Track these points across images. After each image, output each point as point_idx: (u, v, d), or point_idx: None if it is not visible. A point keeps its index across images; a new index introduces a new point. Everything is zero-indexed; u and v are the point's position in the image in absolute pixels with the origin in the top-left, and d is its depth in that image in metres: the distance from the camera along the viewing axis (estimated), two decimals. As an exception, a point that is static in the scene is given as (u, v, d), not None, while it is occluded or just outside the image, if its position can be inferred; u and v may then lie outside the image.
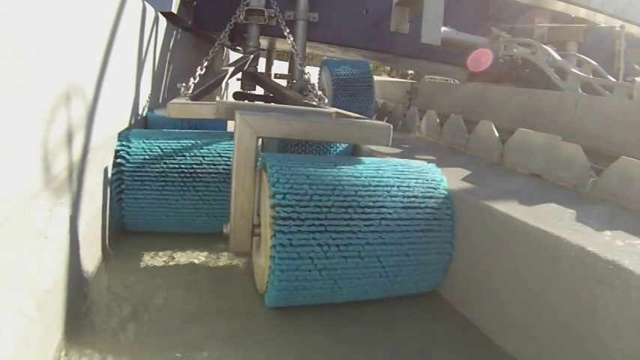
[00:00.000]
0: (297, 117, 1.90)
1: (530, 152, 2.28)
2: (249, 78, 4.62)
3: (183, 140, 2.22)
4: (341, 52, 5.82)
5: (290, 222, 1.53)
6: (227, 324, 1.59)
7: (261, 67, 5.53)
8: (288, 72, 5.95)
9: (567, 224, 1.46)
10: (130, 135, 2.20)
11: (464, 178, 2.07)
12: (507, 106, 3.42)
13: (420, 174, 1.84)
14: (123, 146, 2.12)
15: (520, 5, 4.75)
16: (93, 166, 1.78)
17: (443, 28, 3.86)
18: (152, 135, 2.24)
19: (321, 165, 1.72)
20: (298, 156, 1.87)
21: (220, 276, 1.97)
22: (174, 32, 3.83)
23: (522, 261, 1.47)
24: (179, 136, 2.26)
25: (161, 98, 3.53)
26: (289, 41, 3.46)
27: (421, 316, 1.76)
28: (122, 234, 2.19)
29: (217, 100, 2.18)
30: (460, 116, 3.05)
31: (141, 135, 2.22)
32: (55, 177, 1.37)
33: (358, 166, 1.78)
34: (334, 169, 1.70)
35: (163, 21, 3.36)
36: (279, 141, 2.77)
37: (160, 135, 2.25)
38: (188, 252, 2.11)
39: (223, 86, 5.75)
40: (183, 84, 2.56)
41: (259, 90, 4.89)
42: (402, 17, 4.41)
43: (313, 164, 1.71)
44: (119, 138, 2.17)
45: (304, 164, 1.69)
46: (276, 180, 1.58)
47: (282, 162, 1.68)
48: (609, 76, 3.77)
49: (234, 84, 5.50)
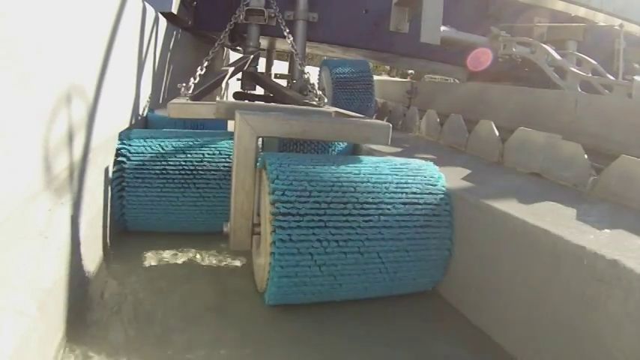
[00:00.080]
0: (296, 116, 1.90)
1: (530, 151, 2.28)
2: (249, 78, 4.62)
3: (183, 139, 2.24)
4: (341, 52, 5.81)
5: (290, 218, 1.53)
6: (227, 323, 1.59)
7: (261, 67, 5.53)
8: (288, 72, 5.95)
9: (567, 223, 1.46)
10: (131, 134, 2.22)
11: (464, 177, 2.07)
12: (507, 106, 3.42)
13: (418, 171, 1.84)
14: (124, 145, 2.14)
15: (519, 4, 4.75)
16: (93, 166, 1.79)
17: (442, 28, 3.86)
18: (153, 134, 2.27)
19: (320, 162, 1.73)
20: (297, 155, 1.87)
21: (220, 275, 1.97)
22: (174, 32, 3.83)
23: (522, 260, 1.47)
24: (180, 136, 2.27)
25: (161, 98, 3.53)
26: (289, 41, 3.46)
27: (421, 315, 1.76)
28: (123, 234, 2.20)
29: (217, 100, 2.18)
30: (460, 115, 3.05)
31: (142, 134, 2.25)
32: (56, 177, 1.37)
33: (357, 164, 1.79)
34: (333, 167, 1.72)
35: (163, 21, 3.36)
36: (279, 141, 2.77)
37: (161, 134, 2.27)
38: (188, 251, 2.12)
39: (223, 86, 5.74)
40: (183, 84, 2.56)
41: (259, 90, 4.89)
42: (402, 17, 4.41)
43: (312, 162, 1.72)
44: (120, 138, 2.19)
45: (303, 162, 1.71)
46: (275, 176, 1.59)
47: (281, 160, 1.69)
48: (609, 75, 3.76)
49: (234, 84, 5.50)
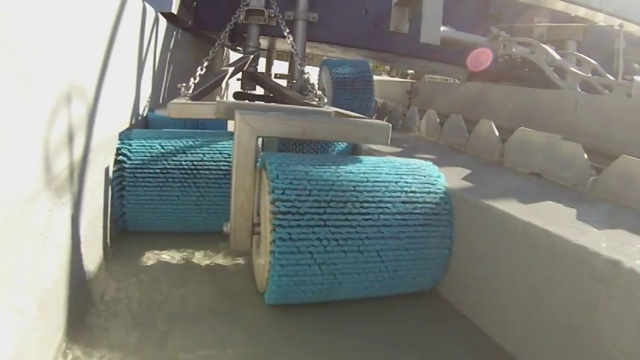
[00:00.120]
0: (296, 116, 1.90)
1: (530, 151, 2.28)
2: (249, 78, 4.62)
3: (183, 139, 2.25)
4: (341, 52, 5.81)
5: (289, 216, 1.54)
6: (227, 323, 1.59)
7: (261, 67, 5.53)
8: (288, 72, 5.95)
9: (567, 223, 1.46)
10: (131, 134, 2.24)
11: (464, 177, 2.07)
12: (507, 106, 3.42)
13: (418, 170, 1.85)
14: (124, 144, 2.15)
15: (519, 4, 4.75)
16: (94, 166, 1.79)
17: (442, 28, 3.86)
18: (153, 134, 2.28)
19: (320, 162, 1.73)
20: (297, 154, 1.87)
21: (220, 275, 1.97)
22: (174, 32, 3.83)
23: (522, 260, 1.47)
24: (180, 136, 2.28)
25: (161, 98, 3.53)
26: (289, 41, 3.45)
27: (421, 315, 1.76)
28: (123, 234, 2.20)
29: (217, 100, 2.18)
30: (460, 115, 3.05)
31: (142, 134, 2.26)
32: (56, 177, 1.37)
33: (356, 163, 1.80)
34: (333, 166, 1.72)
35: (163, 21, 3.36)
36: (279, 141, 2.77)
37: (161, 134, 2.28)
38: (188, 251, 2.12)
39: (223, 86, 5.74)
40: (183, 84, 2.56)
41: (259, 90, 4.89)
42: (402, 17, 4.41)
43: (312, 161, 1.73)
44: (120, 137, 2.20)
45: (303, 162, 1.71)
46: (275, 176, 1.59)
47: (281, 159, 1.70)
48: (608, 75, 3.76)
49: (234, 84, 5.50)
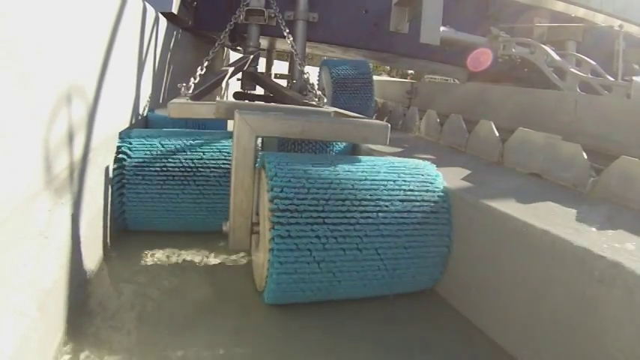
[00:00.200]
0: (295, 116, 1.90)
1: (530, 152, 2.28)
2: (249, 78, 4.62)
3: (183, 138, 2.26)
4: (341, 52, 5.81)
5: (288, 214, 1.54)
6: (226, 322, 1.59)
7: (261, 67, 5.53)
8: (288, 72, 5.96)
9: (567, 223, 1.46)
10: (132, 134, 2.24)
11: (464, 178, 2.07)
12: (507, 106, 3.42)
13: (416, 169, 1.85)
14: (124, 143, 2.16)
15: (519, 5, 4.75)
16: (94, 166, 1.79)
17: (442, 28, 3.86)
18: (153, 133, 2.29)
19: (319, 161, 1.75)
20: (296, 154, 1.87)
21: (220, 275, 1.97)
22: (174, 32, 3.83)
23: (522, 260, 1.47)
24: (180, 135, 2.29)
25: (161, 98, 3.53)
26: (289, 41, 3.45)
27: (420, 315, 1.76)
28: (123, 233, 2.20)
29: (217, 100, 2.18)
30: (460, 116, 3.05)
31: (142, 134, 2.27)
32: (56, 177, 1.37)
33: (355, 162, 1.81)
34: (331, 165, 1.73)
35: (164, 21, 3.36)
36: (278, 141, 2.77)
37: (161, 133, 2.29)
38: (188, 251, 2.12)
39: (223, 86, 5.75)
40: (183, 84, 2.56)
41: (259, 90, 4.89)
42: (402, 17, 4.42)
43: (311, 160, 1.74)
44: (120, 137, 2.20)
45: (302, 161, 1.72)
46: (274, 174, 1.60)
47: (280, 158, 1.71)
48: (608, 76, 3.76)
49: (234, 84, 5.50)
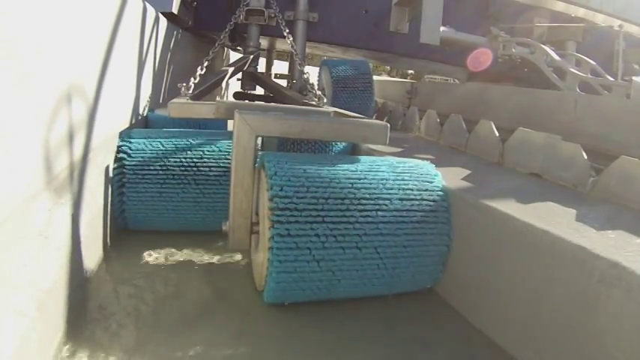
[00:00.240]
0: (295, 116, 1.91)
1: (530, 152, 2.28)
2: (249, 78, 4.62)
3: (184, 138, 2.27)
4: (341, 52, 5.81)
5: (287, 212, 1.54)
6: (226, 322, 1.59)
7: (261, 67, 5.52)
8: (288, 72, 5.95)
9: (567, 223, 1.46)
10: (132, 133, 2.25)
11: (464, 178, 2.07)
12: (507, 106, 3.42)
13: (415, 169, 1.86)
14: (125, 142, 2.17)
15: (519, 5, 4.75)
16: (94, 166, 1.79)
17: (442, 28, 3.86)
18: (153, 133, 2.30)
19: (318, 160, 1.75)
20: (296, 154, 1.87)
21: (220, 275, 1.97)
22: (174, 32, 3.83)
23: (522, 260, 1.47)
24: (180, 135, 2.30)
25: (162, 98, 3.53)
26: (289, 41, 3.45)
27: (420, 316, 1.76)
28: (123, 233, 2.20)
29: (217, 100, 2.18)
30: (460, 116, 3.05)
31: (142, 133, 2.28)
32: (56, 177, 1.37)
33: (354, 162, 1.82)
34: (330, 164, 1.74)
35: (164, 21, 3.36)
36: (278, 141, 2.77)
37: (162, 133, 2.30)
38: (188, 251, 2.12)
39: (223, 86, 5.74)
40: (183, 84, 2.56)
41: (259, 90, 4.89)
42: (402, 17, 4.42)
43: (310, 160, 1.75)
44: (120, 136, 2.21)
45: (301, 160, 1.73)
46: (273, 172, 1.61)
47: (279, 158, 1.72)
48: (607, 76, 3.76)
49: (234, 84, 5.50)
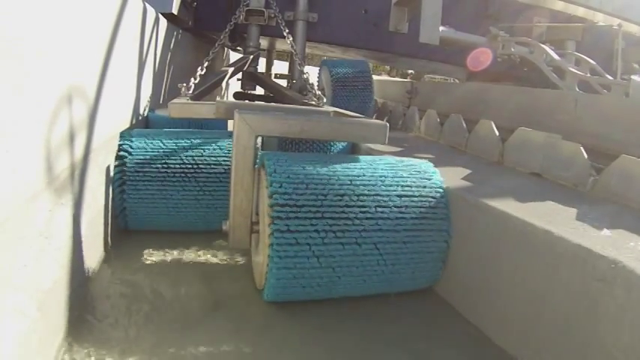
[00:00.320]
0: (295, 116, 1.91)
1: (530, 151, 2.28)
2: (249, 78, 4.62)
3: (184, 138, 2.28)
4: (340, 52, 5.81)
5: (287, 208, 1.55)
6: (227, 322, 1.60)
7: (261, 67, 5.52)
8: (288, 72, 5.95)
9: (568, 223, 1.46)
10: (132, 133, 2.26)
11: (464, 177, 2.07)
12: (507, 105, 3.42)
13: (413, 167, 1.87)
14: (125, 142, 2.17)
15: (519, 4, 4.75)
16: (94, 166, 1.79)
17: (441, 28, 3.86)
18: (154, 133, 2.31)
19: (317, 159, 1.77)
20: (295, 153, 1.88)
21: (220, 274, 1.97)
22: (174, 33, 3.83)
23: (522, 260, 1.47)
24: (180, 134, 2.31)
25: (162, 98, 3.53)
26: (289, 41, 3.45)
27: (420, 315, 1.76)
28: (123, 233, 2.20)
29: (217, 100, 2.19)
30: (460, 115, 3.06)
31: (143, 133, 2.29)
32: (56, 177, 1.37)
33: (352, 160, 1.83)
34: (329, 162, 1.75)
35: (164, 22, 3.36)
36: (278, 140, 2.77)
37: (162, 133, 2.31)
38: (188, 250, 2.13)
39: (224, 86, 5.75)
40: (183, 84, 2.56)
41: (259, 90, 4.89)
42: (401, 17, 4.41)
43: (309, 158, 1.76)
44: (121, 136, 2.21)
45: (301, 158, 1.74)
46: (273, 170, 1.62)
47: (279, 156, 1.73)
48: (607, 75, 3.76)
49: (234, 84, 5.50)
